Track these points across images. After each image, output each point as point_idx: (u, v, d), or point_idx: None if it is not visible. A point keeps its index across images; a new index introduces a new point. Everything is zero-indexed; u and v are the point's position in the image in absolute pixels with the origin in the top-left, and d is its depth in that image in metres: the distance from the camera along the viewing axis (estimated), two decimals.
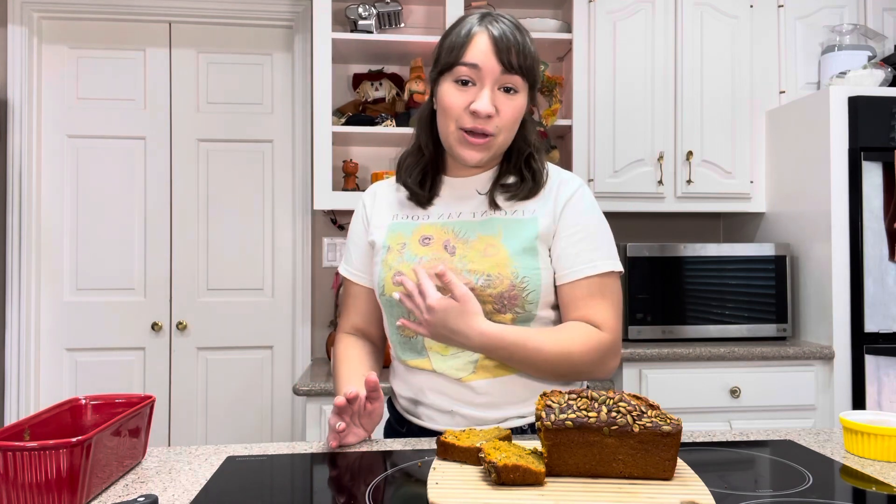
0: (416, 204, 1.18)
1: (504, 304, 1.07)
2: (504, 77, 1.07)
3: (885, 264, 2.21)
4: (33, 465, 0.74)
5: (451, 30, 1.12)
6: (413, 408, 1.17)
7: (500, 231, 1.12)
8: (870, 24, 2.58)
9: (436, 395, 1.12)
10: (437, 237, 1.14)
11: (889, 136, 2.21)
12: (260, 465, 0.94)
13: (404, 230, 1.17)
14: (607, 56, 2.51)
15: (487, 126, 1.07)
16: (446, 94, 1.09)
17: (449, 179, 1.19)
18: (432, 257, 1.11)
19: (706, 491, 0.78)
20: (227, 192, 2.77)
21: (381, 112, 2.51)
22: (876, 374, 2.18)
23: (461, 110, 1.08)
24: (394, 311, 1.15)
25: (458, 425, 1.11)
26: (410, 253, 1.13)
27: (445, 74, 1.10)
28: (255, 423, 2.76)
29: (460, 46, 1.07)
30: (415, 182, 1.17)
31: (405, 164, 1.20)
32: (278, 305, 2.78)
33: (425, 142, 1.18)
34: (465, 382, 1.10)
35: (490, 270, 1.07)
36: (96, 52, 2.72)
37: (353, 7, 2.45)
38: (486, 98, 1.06)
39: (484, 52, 1.06)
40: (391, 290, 1.12)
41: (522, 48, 1.07)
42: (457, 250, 1.11)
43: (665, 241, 2.76)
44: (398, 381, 1.20)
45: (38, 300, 2.68)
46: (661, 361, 2.23)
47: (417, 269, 1.06)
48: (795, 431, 1.13)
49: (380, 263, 1.16)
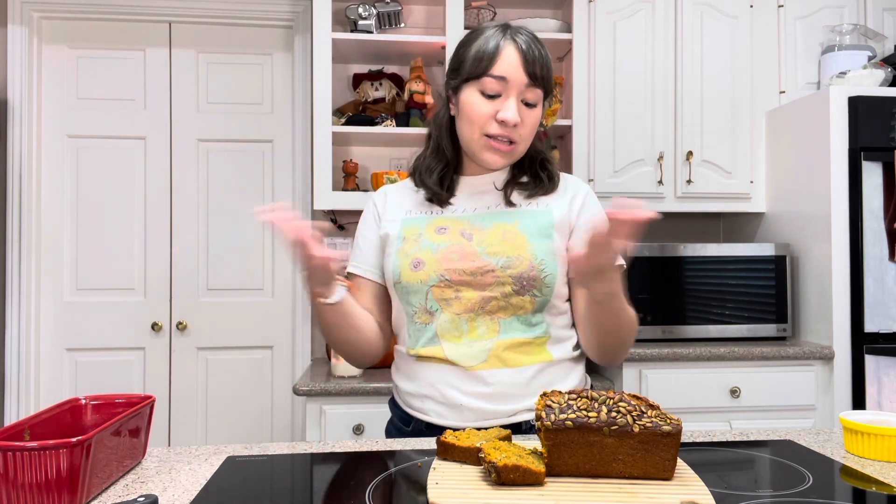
0: (436, 203, 1.21)
1: (523, 284, 1.11)
2: (528, 90, 1.12)
3: (885, 264, 2.21)
4: (33, 465, 0.74)
5: (473, 40, 1.15)
6: (420, 403, 1.17)
7: (516, 220, 1.16)
8: (870, 24, 2.58)
9: (445, 387, 1.13)
10: (453, 227, 1.17)
11: (889, 136, 2.21)
12: (260, 465, 0.94)
13: (419, 223, 1.19)
14: (607, 56, 2.51)
15: (513, 134, 1.13)
16: (471, 103, 1.13)
17: (466, 178, 1.23)
18: (450, 244, 1.14)
19: (706, 491, 0.78)
20: (227, 192, 2.77)
21: (381, 112, 2.51)
22: (876, 374, 2.18)
23: (487, 118, 1.12)
24: (411, 298, 1.15)
25: (466, 421, 1.12)
26: (427, 241, 1.15)
27: (471, 82, 1.13)
28: (255, 423, 2.77)
29: (490, 58, 1.11)
30: (434, 182, 1.20)
31: (424, 166, 1.23)
32: (278, 305, 2.78)
33: (446, 144, 1.22)
34: (475, 372, 1.11)
35: (509, 252, 1.12)
36: (96, 52, 2.72)
37: (353, 7, 2.45)
38: (514, 108, 1.11)
39: (513, 64, 1.10)
40: (408, 277, 1.14)
41: (544, 61, 1.13)
42: (474, 237, 1.15)
43: (665, 241, 2.76)
44: (403, 377, 1.21)
45: (38, 300, 2.68)
46: (661, 361, 2.23)
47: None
48: (795, 431, 1.13)
49: (394, 254, 1.17)
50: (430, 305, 1.13)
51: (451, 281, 1.12)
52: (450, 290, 1.12)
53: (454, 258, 1.13)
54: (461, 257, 1.13)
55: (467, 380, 1.12)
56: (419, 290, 1.14)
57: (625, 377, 2.22)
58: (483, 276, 1.11)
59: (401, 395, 1.22)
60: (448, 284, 1.12)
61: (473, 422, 1.12)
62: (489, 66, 1.11)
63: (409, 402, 1.20)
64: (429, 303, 1.13)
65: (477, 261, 1.12)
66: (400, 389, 1.22)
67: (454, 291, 1.12)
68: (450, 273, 1.12)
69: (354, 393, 2.05)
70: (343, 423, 2.06)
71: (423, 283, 1.13)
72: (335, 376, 2.16)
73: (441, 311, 1.13)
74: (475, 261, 1.12)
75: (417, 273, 1.13)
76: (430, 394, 1.15)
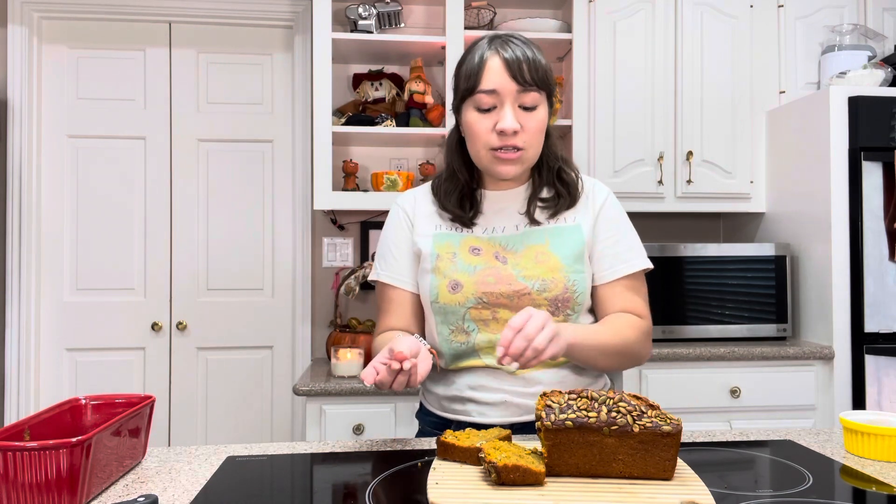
0: (461, 225, 1.21)
1: (558, 306, 1.14)
2: (522, 95, 1.12)
3: (885, 264, 2.21)
4: (33, 465, 0.74)
5: (464, 59, 1.17)
6: (461, 406, 1.18)
7: (546, 240, 1.18)
8: (870, 24, 2.58)
9: (488, 388, 1.15)
10: (486, 249, 1.18)
11: (889, 136, 2.21)
12: (260, 465, 0.94)
13: (451, 240, 1.20)
14: (607, 56, 2.50)
15: (516, 141, 1.13)
16: (471, 121, 1.15)
17: (489, 193, 1.23)
18: (485, 266, 1.16)
19: (706, 491, 0.78)
20: (227, 192, 2.77)
21: (381, 112, 2.51)
22: (876, 374, 2.18)
23: (488, 133, 1.13)
24: (448, 317, 1.17)
25: (512, 416, 1.15)
26: (462, 262, 1.17)
27: (467, 101, 1.15)
28: (255, 423, 2.76)
29: (476, 73, 1.13)
30: (455, 206, 1.21)
31: (442, 190, 1.23)
32: (278, 305, 2.78)
33: (458, 166, 1.22)
34: (519, 375, 1.14)
35: (544, 275, 1.14)
36: (96, 52, 2.72)
37: (353, 7, 2.45)
38: (510, 116, 1.11)
39: (499, 74, 1.11)
40: (446, 299, 1.15)
41: (533, 62, 1.12)
42: (508, 260, 1.16)
43: (665, 241, 2.76)
44: (439, 384, 1.22)
45: (38, 300, 2.68)
46: (661, 361, 2.23)
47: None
48: (795, 431, 1.13)
49: (430, 271, 1.18)
50: (468, 326, 1.16)
51: (489, 303, 1.14)
52: (487, 312, 1.15)
53: (491, 281, 1.14)
54: (497, 280, 1.14)
55: (510, 381, 1.15)
56: (457, 311, 1.15)
57: (625, 377, 2.22)
58: (520, 300, 1.13)
59: (438, 400, 1.22)
60: (485, 306, 1.14)
61: (518, 416, 1.15)
62: (477, 82, 1.12)
63: (447, 407, 1.20)
64: (466, 323, 1.16)
65: (514, 284, 1.14)
66: (436, 395, 1.23)
67: (491, 312, 1.15)
68: (487, 296, 1.14)
69: (354, 393, 2.05)
70: (343, 423, 2.06)
71: (461, 304, 1.15)
72: (335, 376, 2.16)
73: (478, 332, 1.15)
74: (512, 284, 1.14)
75: (455, 295, 1.15)
76: (471, 396, 1.16)
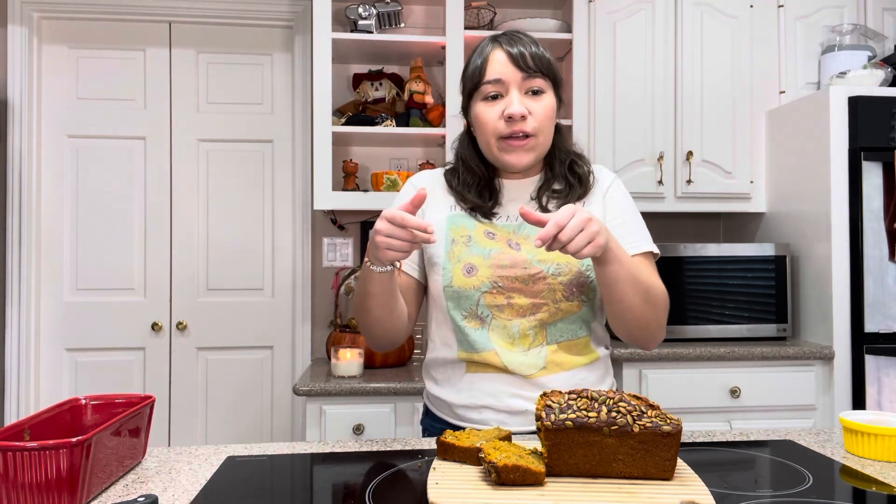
0: (481, 215, 1.20)
1: (573, 290, 1.13)
2: (526, 82, 1.13)
3: (885, 264, 2.21)
4: (33, 465, 0.74)
5: (470, 58, 1.20)
6: (478, 415, 1.16)
7: None
8: (870, 24, 2.58)
9: (506, 395, 1.13)
10: (500, 235, 1.18)
11: (889, 136, 2.21)
12: (260, 465, 0.94)
13: (466, 223, 1.19)
14: (607, 56, 2.51)
15: (525, 126, 1.13)
16: (479, 113, 1.16)
17: (506, 182, 1.23)
18: (500, 251, 1.15)
19: (706, 491, 0.78)
20: (227, 192, 2.77)
21: (381, 112, 2.51)
22: (876, 374, 2.18)
23: (496, 121, 1.14)
24: (462, 302, 1.15)
25: (531, 424, 1.13)
26: (478, 246, 1.16)
27: (474, 96, 1.16)
28: (255, 423, 2.76)
29: (480, 68, 1.15)
30: (475, 197, 1.20)
31: (461, 182, 1.22)
32: (278, 305, 2.78)
33: (474, 162, 1.22)
34: (535, 380, 1.13)
35: (559, 259, 1.13)
36: (96, 52, 2.72)
37: (353, 7, 2.45)
38: (517, 101, 1.12)
39: (503, 64, 1.13)
40: (461, 282, 1.14)
41: (535, 52, 1.14)
42: (521, 246, 1.16)
43: (665, 241, 2.76)
44: (453, 391, 1.19)
45: (38, 300, 2.68)
46: (661, 361, 2.23)
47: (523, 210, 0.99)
48: (795, 431, 1.13)
49: (444, 255, 1.17)
50: (482, 311, 1.14)
51: (504, 287, 1.13)
52: (501, 297, 1.13)
53: (506, 265, 1.13)
54: (513, 264, 1.13)
55: (528, 387, 1.13)
56: (471, 295, 1.14)
57: (625, 377, 2.22)
58: (535, 284, 1.13)
59: (452, 409, 1.19)
60: (500, 291, 1.13)
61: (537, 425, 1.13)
62: (482, 75, 1.14)
63: (463, 416, 1.18)
64: (480, 308, 1.14)
65: (529, 268, 1.13)
66: (450, 404, 1.19)
67: (506, 298, 1.13)
68: (503, 280, 1.13)
69: (354, 393, 2.05)
70: (343, 423, 2.06)
71: (476, 288, 1.13)
72: (335, 376, 2.16)
73: (492, 318, 1.14)
74: (527, 268, 1.13)
75: (470, 279, 1.13)
76: (489, 403, 1.15)
